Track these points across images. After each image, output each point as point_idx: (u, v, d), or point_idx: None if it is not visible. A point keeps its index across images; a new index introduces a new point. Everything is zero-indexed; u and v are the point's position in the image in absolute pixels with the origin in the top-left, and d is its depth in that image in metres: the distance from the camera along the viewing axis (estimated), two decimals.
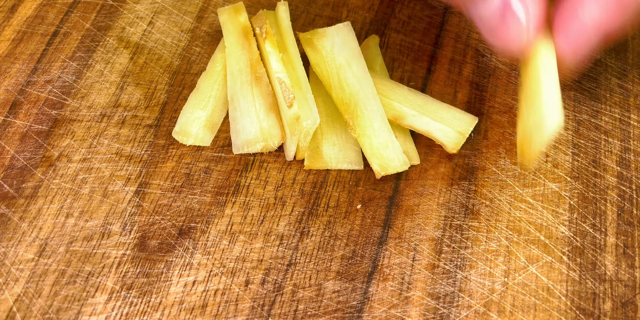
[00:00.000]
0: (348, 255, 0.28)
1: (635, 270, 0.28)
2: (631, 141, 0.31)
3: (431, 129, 0.30)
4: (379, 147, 0.30)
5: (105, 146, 0.31)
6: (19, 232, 0.29)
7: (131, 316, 0.26)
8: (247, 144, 0.30)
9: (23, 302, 0.27)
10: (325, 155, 0.30)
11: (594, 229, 0.29)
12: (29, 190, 0.30)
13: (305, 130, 0.29)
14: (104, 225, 0.29)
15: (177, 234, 0.29)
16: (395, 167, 0.29)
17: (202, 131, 0.31)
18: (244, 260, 0.28)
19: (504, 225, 0.29)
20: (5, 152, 0.31)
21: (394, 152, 0.30)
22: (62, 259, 0.28)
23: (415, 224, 0.29)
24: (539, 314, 0.27)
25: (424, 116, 0.30)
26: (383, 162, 0.29)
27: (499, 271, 0.28)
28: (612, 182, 0.30)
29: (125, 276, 0.27)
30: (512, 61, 0.34)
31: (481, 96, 0.33)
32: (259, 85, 0.31)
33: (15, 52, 0.35)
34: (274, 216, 0.29)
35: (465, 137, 0.30)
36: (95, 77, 0.34)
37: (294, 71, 0.30)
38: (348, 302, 0.27)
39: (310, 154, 0.30)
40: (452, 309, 0.27)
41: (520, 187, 0.30)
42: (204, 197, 0.30)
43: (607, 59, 0.34)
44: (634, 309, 0.27)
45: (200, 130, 0.31)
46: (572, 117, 0.32)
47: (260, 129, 0.30)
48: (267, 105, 0.30)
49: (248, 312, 0.27)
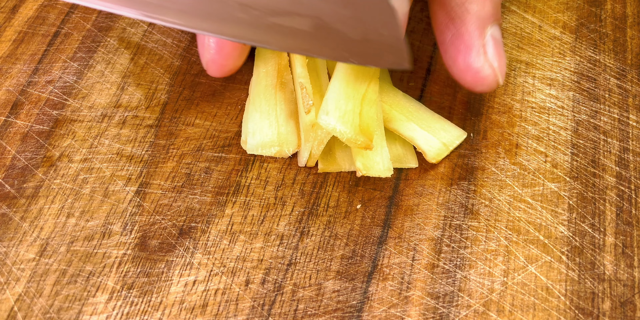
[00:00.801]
0: (348, 255, 0.28)
1: (634, 270, 0.28)
2: (630, 141, 0.31)
3: (416, 136, 0.30)
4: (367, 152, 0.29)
5: (106, 146, 0.31)
6: (20, 231, 0.29)
7: (132, 315, 0.27)
8: (262, 146, 0.30)
9: (24, 301, 0.27)
10: (339, 158, 0.30)
11: (593, 229, 0.29)
12: (30, 190, 0.30)
13: (320, 138, 0.29)
14: (105, 225, 0.29)
15: (177, 234, 0.29)
16: (378, 171, 0.29)
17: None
18: (244, 260, 0.28)
19: (504, 225, 0.29)
20: (7, 152, 0.31)
21: (381, 156, 0.29)
22: (63, 258, 0.28)
23: (415, 224, 0.29)
24: (538, 313, 0.27)
25: (411, 122, 0.30)
26: (367, 162, 0.29)
27: (498, 271, 0.28)
28: (611, 182, 0.30)
29: (126, 276, 0.28)
30: (511, 62, 0.34)
31: (480, 96, 0.33)
32: (283, 91, 0.31)
33: (17, 52, 0.35)
34: (274, 216, 0.29)
35: (448, 149, 0.30)
36: (96, 78, 0.34)
37: (318, 78, 0.30)
38: (348, 302, 0.27)
39: (324, 156, 0.30)
40: (452, 309, 0.27)
41: (519, 187, 0.30)
42: (205, 197, 0.30)
43: (606, 60, 0.34)
44: (632, 308, 0.27)
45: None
46: (571, 117, 0.32)
47: (277, 133, 0.30)
48: (288, 111, 0.30)
49: (248, 312, 0.27)
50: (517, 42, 0.35)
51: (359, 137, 0.27)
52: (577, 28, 0.36)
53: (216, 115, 0.33)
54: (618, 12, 0.37)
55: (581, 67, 0.34)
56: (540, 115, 0.32)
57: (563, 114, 0.32)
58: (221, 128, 0.32)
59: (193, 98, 0.33)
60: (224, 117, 0.33)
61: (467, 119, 0.32)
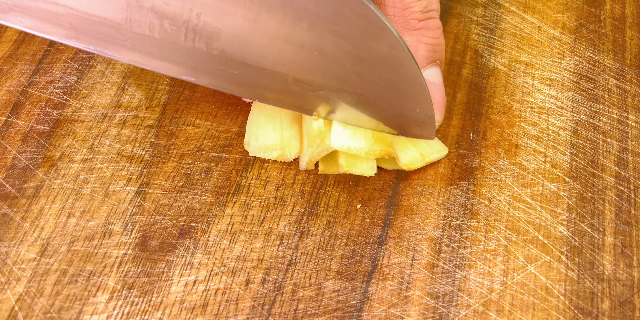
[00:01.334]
0: (348, 254, 0.28)
1: (633, 270, 0.28)
2: (629, 141, 0.32)
3: (395, 141, 0.30)
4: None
5: (107, 146, 0.32)
6: (21, 231, 0.29)
7: (132, 315, 0.27)
8: (264, 149, 0.30)
9: (25, 301, 0.27)
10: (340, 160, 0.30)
11: (592, 229, 0.29)
12: (31, 190, 0.30)
13: (326, 148, 0.29)
14: (106, 225, 0.29)
15: (178, 234, 0.29)
16: (361, 169, 0.29)
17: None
18: (244, 260, 0.28)
19: (503, 225, 0.29)
20: (7, 152, 0.31)
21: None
22: (64, 258, 0.28)
23: (415, 224, 0.29)
24: (538, 313, 0.27)
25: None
26: (350, 159, 0.29)
27: (497, 270, 0.28)
28: (610, 182, 0.30)
29: (126, 275, 0.28)
30: (510, 62, 0.35)
31: (480, 97, 0.33)
32: None
33: (17, 53, 0.35)
34: (274, 216, 0.29)
35: (424, 161, 0.30)
36: (96, 78, 0.34)
37: None
38: (348, 302, 0.27)
39: (324, 158, 0.30)
40: (452, 308, 0.27)
41: (519, 187, 0.30)
42: (205, 197, 0.30)
43: (605, 60, 0.35)
44: (632, 308, 0.27)
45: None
46: (570, 117, 0.32)
47: (281, 137, 0.30)
48: (293, 115, 0.30)
49: (248, 311, 0.27)
50: (516, 43, 0.35)
51: (376, 147, 0.29)
52: (577, 28, 0.36)
53: (216, 116, 0.33)
54: (617, 12, 0.37)
55: (580, 67, 0.34)
56: (540, 115, 0.32)
57: (562, 114, 0.33)
58: (221, 128, 0.32)
59: (193, 98, 0.33)
60: (224, 117, 0.33)
61: (466, 119, 0.32)
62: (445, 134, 0.32)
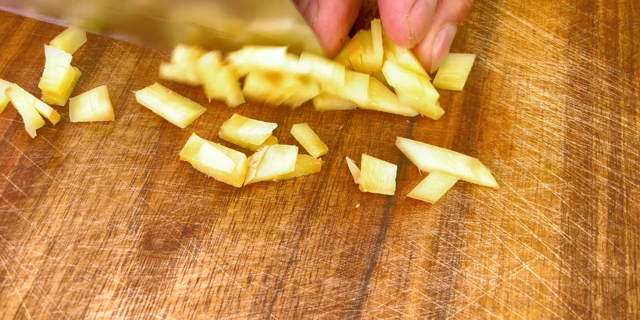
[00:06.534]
0: (347, 253, 0.29)
1: (626, 268, 0.28)
2: (621, 142, 0.32)
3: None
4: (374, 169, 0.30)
5: (112, 147, 0.32)
6: (28, 230, 0.29)
7: (137, 312, 0.27)
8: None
9: (32, 298, 0.28)
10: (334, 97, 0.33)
11: (585, 228, 0.29)
12: (38, 190, 0.31)
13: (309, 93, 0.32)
14: (111, 223, 0.30)
15: (181, 233, 0.29)
16: (381, 189, 0.30)
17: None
18: (246, 258, 0.29)
19: (499, 224, 0.29)
20: (15, 153, 0.32)
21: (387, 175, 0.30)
22: (70, 256, 0.29)
23: (412, 223, 0.29)
24: (532, 309, 0.27)
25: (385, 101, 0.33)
26: (371, 180, 0.30)
27: (493, 268, 0.28)
28: (603, 182, 0.31)
29: (131, 273, 0.28)
30: (506, 65, 0.35)
31: (476, 99, 0.34)
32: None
33: (25, 56, 0.36)
34: (275, 215, 0.30)
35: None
36: (102, 81, 0.35)
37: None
38: (347, 299, 0.27)
39: (319, 97, 0.32)
40: (448, 305, 0.27)
41: (514, 187, 0.30)
42: (208, 196, 0.30)
43: (598, 63, 0.35)
44: (624, 305, 0.27)
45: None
46: (564, 119, 0.33)
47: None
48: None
49: (250, 308, 0.27)
50: (511, 46, 0.36)
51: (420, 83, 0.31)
52: (570, 32, 0.36)
53: (219, 118, 0.33)
54: (610, 16, 0.37)
55: (574, 70, 0.35)
56: (534, 117, 0.33)
57: (556, 116, 0.33)
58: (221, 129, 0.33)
59: (196, 100, 0.34)
60: (227, 118, 0.33)
61: (463, 120, 0.33)
62: (442, 135, 0.32)
